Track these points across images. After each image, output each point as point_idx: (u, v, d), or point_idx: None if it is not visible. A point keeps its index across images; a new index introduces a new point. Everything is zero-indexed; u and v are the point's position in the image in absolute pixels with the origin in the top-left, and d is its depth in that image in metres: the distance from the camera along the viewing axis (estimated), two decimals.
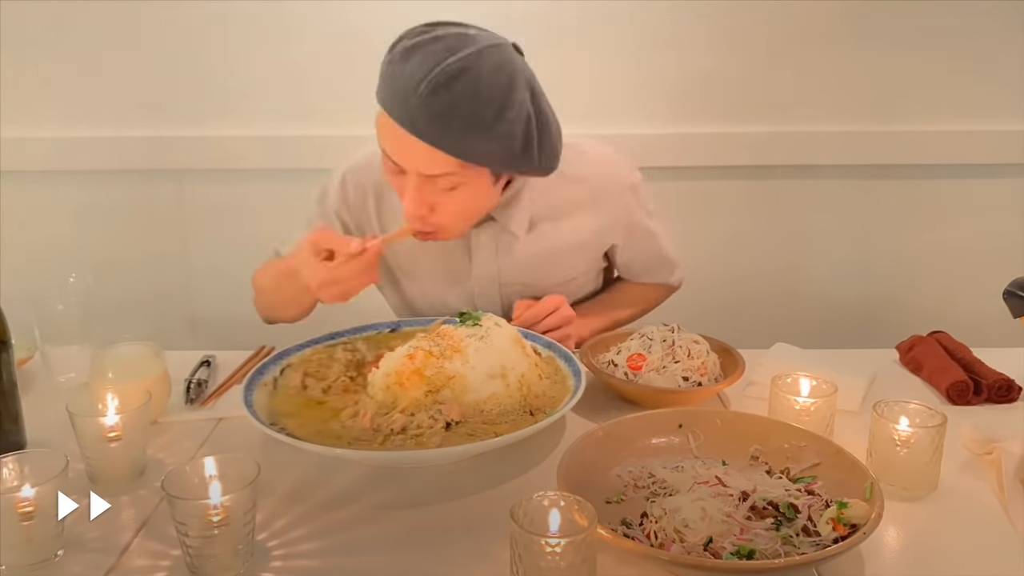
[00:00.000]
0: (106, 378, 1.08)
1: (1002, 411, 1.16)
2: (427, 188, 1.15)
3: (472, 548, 0.85)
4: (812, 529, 0.81)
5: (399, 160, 1.14)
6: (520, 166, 1.15)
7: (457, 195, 1.16)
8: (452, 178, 1.13)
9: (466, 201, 1.18)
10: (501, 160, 1.13)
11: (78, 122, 2.02)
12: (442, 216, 1.19)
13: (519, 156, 1.13)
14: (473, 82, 1.07)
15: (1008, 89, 1.97)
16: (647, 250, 1.46)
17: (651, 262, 1.48)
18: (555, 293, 1.34)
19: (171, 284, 2.14)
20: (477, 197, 1.19)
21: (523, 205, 1.31)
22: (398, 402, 1.03)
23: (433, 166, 1.12)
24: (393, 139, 1.13)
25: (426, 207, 1.17)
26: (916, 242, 2.09)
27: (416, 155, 1.11)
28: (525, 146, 1.12)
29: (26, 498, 0.79)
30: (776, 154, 2.02)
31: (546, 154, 1.17)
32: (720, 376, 1.17)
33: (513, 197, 1.29)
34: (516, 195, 1.29)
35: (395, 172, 1.18)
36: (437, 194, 1.16)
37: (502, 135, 1.09)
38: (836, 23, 1.93)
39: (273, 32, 1.95)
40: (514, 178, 1.27)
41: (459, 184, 1.15)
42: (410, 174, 1.14)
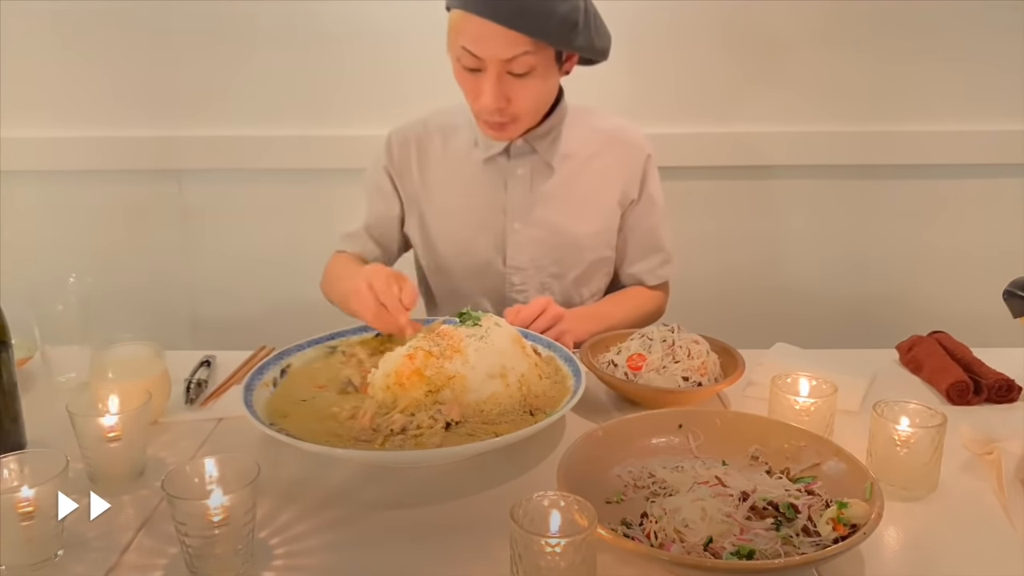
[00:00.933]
0: (106, 378, 1.08)
1: (1002, 411, 1.16)
2: (505, 78, 1.27)
3: (472, 548, 0.85)
4: (812, 529, 0.81)
5: (479, 50, 1.25)
6: (582, 43, 1.28)
7: (530, 81, 1.28)
8: (528, 59, 1.25)
9: (537, 87, 1.30)
10: (569, 35, 1.25)
11: (78, 122, 2.02)
12: (518, 104, 1.30)
13: (582, 32, 1.26)
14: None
15: (1008, 89, 1.97)
16: (646, 224, 1.52)
17: (646, 238, 1.52)
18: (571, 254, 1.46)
19: (171, 284, 2.14)
20: (546, 83, 1.32)
21: (560, 140, 1.45)
22: (398, 402, 1.03)
23: (510, 46, 1.23)
24: (470, 32, 1.24)
25: (503, 98, 1.29)
26: (916, 242, 2.09)
27: (494, 39, 1.23)
28: (586, 22, 1.27)
29: (26, 498, 0.79)
30: (775, 154, 2.02)
31: (601, 35, 1.32)
32: (720, 376, 1.17)
33: (550, 128, 1.43)
34: (555, 128, 1.43)
35: (470, 72, 1.29)
36: (512, 84, 1.28)
37: (570, 8, 1.23)
38: (835, 22, 1.93)
39: (273, 32, 1.95)
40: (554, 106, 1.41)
41: (533, 68, 1.27)
42: (489, 67, 1.26)
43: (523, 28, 1.22)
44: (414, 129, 1.50)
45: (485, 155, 1.44)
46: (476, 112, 1.34)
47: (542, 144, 1.43)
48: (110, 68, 1.98)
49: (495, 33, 1.22)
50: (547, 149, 1.44)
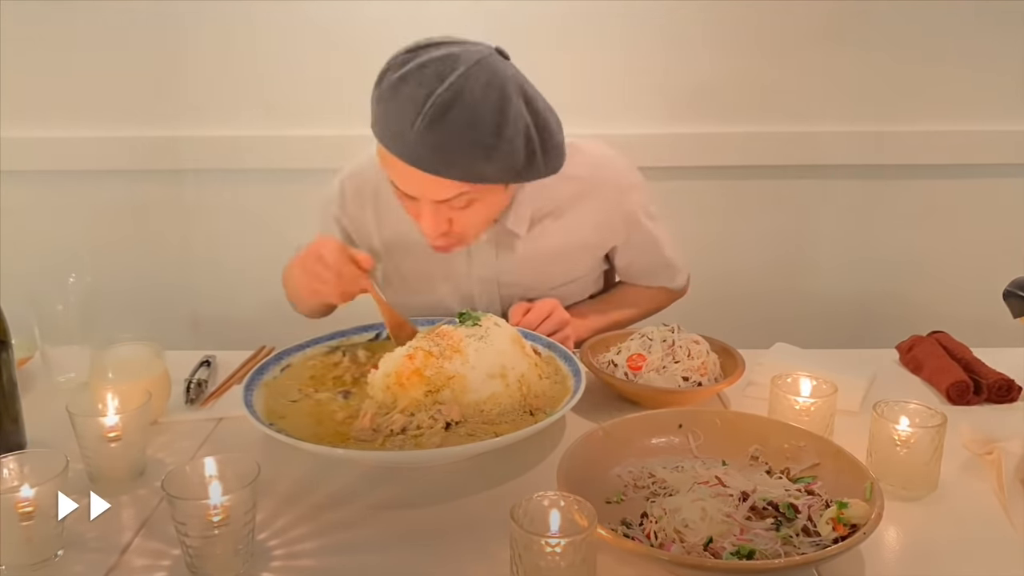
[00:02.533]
0: (106, 378, 1.08)
1: (1002, 411, 1.16)
2: (443, 208, 1.17)
3: (472, 548, 0.85)
4: (812, 529, 0.81)
5: (408, 190, 1.16)
6: (528, 175, 1.17)
7: (472, 209, 1.18)
8: (466, 196, 1.15)
9: (482, 212, 1.21)
10: (508, 175, 1.14)
11: (78, 122, 2.02)
12: (462, 228, 1.21)
13: (525, 168, 1.14)
14: (466, 107, 1.07)
15: (1008, 89, 1.97)
16: (648, 253, 1.45)
17: (652, 265, 1.47)
18: (554, 296, 1.35)
19: (171, 284, 2.14)
20: (491, 206, 1.22)
21: (523, 204, 1.31)
22: (398, 402, 1.03)
23: (443, 191, 1.13)
24: (399, 171, 1.14)
25: (445, 224, 1.19)
26: (916, 242, 2.09)
27: (424, 184, 1.13)
28: (529, 156, 1.14)
29: (26, 498, 0.79)
30: (775, 154, 2.02)
31: (551, 156, 1.18)
32: (720, 376, 1.17)
33: (511, 198, 1.30)
34: (515, 195, 1.30)
35: (407, 198, 1.19)
36: (453, 211, 1.18)
37: (505, 153, 1.10)
38: (835, 23, 1.93)
39: (274, 32, 1.95)
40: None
41: (474, 200, 1.17)
42: (423, 201, 1.16)
43: (455, 178, 1.11)
44: (369, 177, 1.35)
45: None
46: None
47: (503, 214, 1.30)
48: (110, 68, 1.98)
49: (423, 178, 1.11)
50: (507, 218, 1.31)
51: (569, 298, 1.40)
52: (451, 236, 1.21)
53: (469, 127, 1.07)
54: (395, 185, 1.18)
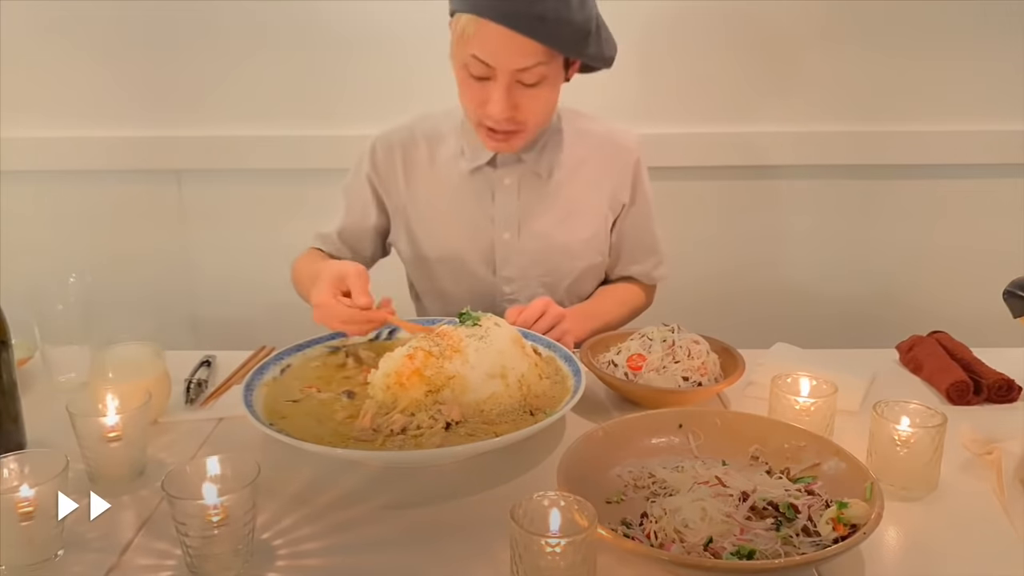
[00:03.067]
0: (106, 378, 1.08)
1: (1002, 411, 1.16)
2: (514, 88, 1.25)
3: (472, 548, 0.85)
4: (812, 529, 0.81)
5: (492, 59, 1.22)
6: (592, 51, 1.26)
7: (540, 91, 1.27)
8: (541, 69, 1.23)
9: (546, 97, 1.29)
10: (581, 43, 1.24)
11: (78, 122, 2.02)
12: (526, 113, 1.28)
13: (592, 40, 1.25)
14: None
15: (1008, 89, 1.97)
16: (641, 227, 1.52)
17: (641, 241, 1.52)
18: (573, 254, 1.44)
19: (171, 284, 2.14)
20: (554, 92, 1.31)
21: (548, 148, 1.42)
22: (398, 402, 1.03)
23: (526, 57, 1.21)
24: (483, 40, 1.21)
25: (512, 106, 1.26)
26: (916, 242, 2.09)
27: (510, 49, 1.21)
28: (596, 30, 1.26)
29: (26, 498, 0.79)
30: (776, 154, 2.02)
31: (608, 44, 1.30)
32: (720, 376, 1.17)
33: (540, 138, 1.41)
34: (542, 137, 1.41)
35: (477, 80, 1.26)
36: (522, 93, 1.26)
37: (584, 17, 1.22)
38: (835, 22, 1.93)
39: (273, 32, 1.95)
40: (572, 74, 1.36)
41: (544, 77, 1.25)
42: (500, 75, 1.23)
43: (541, 37, 1.19)
44: (399, 136, 1.46)
45: (471, 165, 1.41)
46: (478, 120, 1.31)
47: (529, 154, 1.41)
48: (110, 68, 1.98)
49: (510, 42, 1.20)
50: (534, 159, 1.41)
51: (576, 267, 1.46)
52: (514, 122, 1.28)
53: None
54: (470, 66, 1.24)
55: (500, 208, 1.43)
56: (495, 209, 1.43)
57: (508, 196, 1.42)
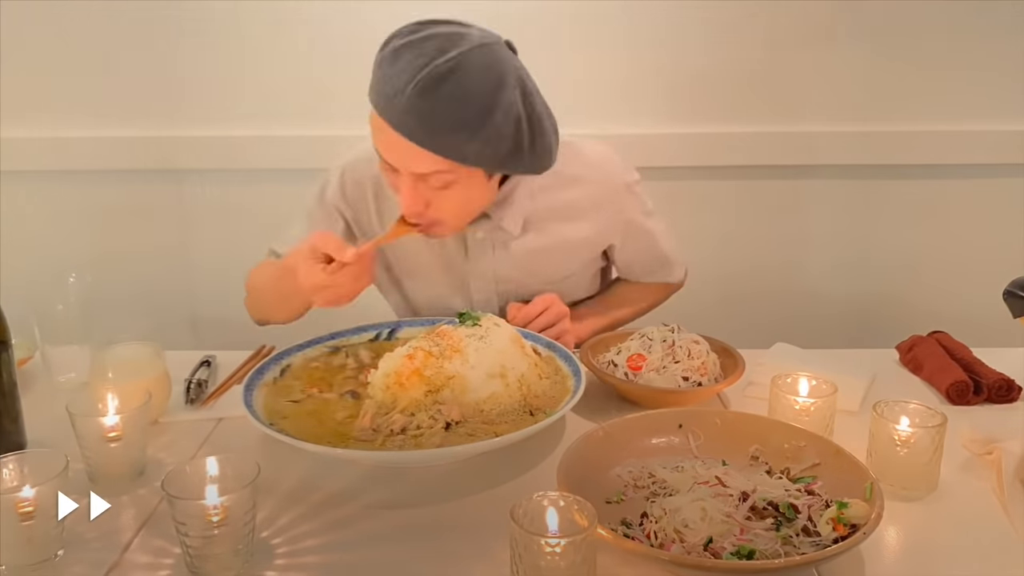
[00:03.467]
0: (106, 378, 1.08)
1: (1002, 411, 1.16)
2: (421, 186, 1.15)
3: (472, 548, 0.85)
4: (812, 529, 0.81)
5: (390, 159, 1.15)
6: (510, 166, 1.16)
7: (451, 192, 1.16)
8: (444, 176, 1.13)
9: (461, 198, 1.18)
10: (489, 161, 1.13)
11: (78, 122, 2.02)
12: (438, 212, 1.19)
13: (509, 157, 1.13)
14: (460, 83, 1.06)
15: (1008, 89, 1.97)
16: (646, 250, 1.45)
17: (651, 263, 1.48)
18: (550, 291, 1.35)
19: (171, 284, 2.14)
20: (471, 194, 1.20)
21: (517, 203, 1.30)
22: (398, 402, 1.03)
23: (423, 165, 1.12)
24: (384, 138, 1.14)
25: (422, 203, 1.17)
26: (916, 242, 2.09)
27: (406, 154, 1.12)
28: (515, 147, 1.13)
29: (26, 498, 0.79)
30: (775, 154, 2.02)
31: (538, 154, 1.17)
32: (720, 376, 1.17)
33: (507, 195, 1.29)
34: (511, 193, 1.29)
35: (390, 170, 1.18)
36: (432, 191, 1.16)
37: (490, 137, 1.09)
38: (835, 22, 1.93)
39: (273, 32, 1.95)
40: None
41: (452, 182, 1.15)
42: (403, 172, 1.15)
43: (436, 151, 1.10)
44: (370, 170, 1.34)
45: None
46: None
47: (497, 212, 1.29)
48: (110, 68, 1.98)
49: (406, 147, 1.10)
50: (502, 217, 1.30)
51: (566, 294, 1.39)
52: (426, 217, 1.19)
53: (459, 103, 1.07)
54: (380, 156, 1.17)
55: (474, 260, 1.36)
56: (468, 261, 1.36)
57: (481, 251, 1.35)
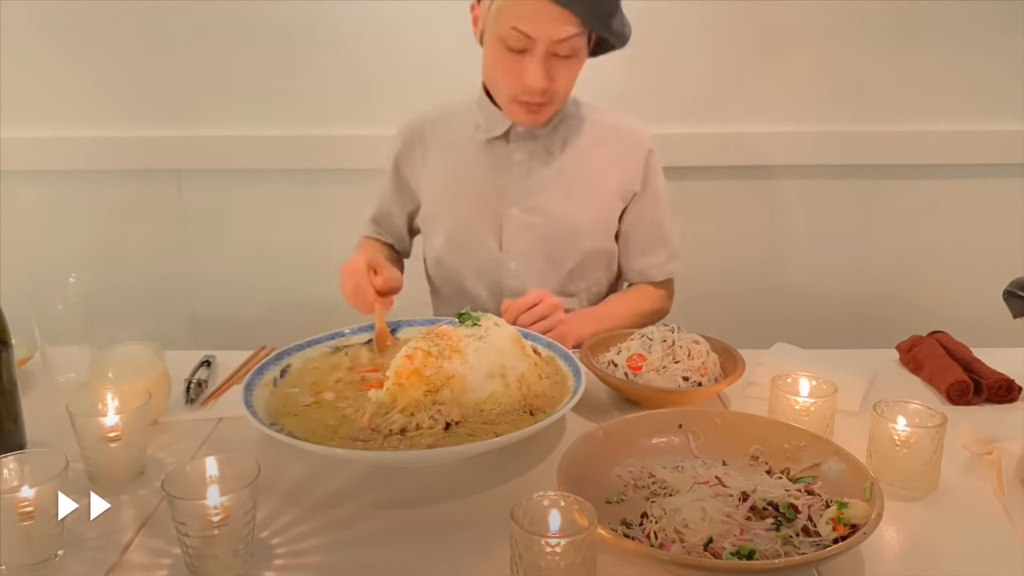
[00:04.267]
0: (106, 378, 1.08)
1: (1002, 411, 1.16)
2: (550, 60, 1.31)
3: (472, 548, 0.85)
4: (812, 529, 0.81)
5: (532, 29, 1.28)
6: (615, 27, 1.33)
7: (571, 63, 1.34)
8: (575, 41, 1.30)
9: (576, 69, 1.36)
10: (611, 16, 1.31)
11: (78, 122, 2.02)
12: (559, 84, 1.34)
13: (616, 16, 1.33)
14: None
15: (1008, 89, 1.97)
16: (651, 218, 1.53)
17: (651, 233, 1.53)
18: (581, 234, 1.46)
19: (171, 284, 2.14)
20: (579, 67, 1.37)
21: (561, 127, 1.47)
22: (397, 402, 1.03)
23: (564, 27, 1.27)
24: (524, 12, 1.27)
25: (548, 77, 1.32)
26: (916, 242, 2.09)
27: (550, 20, 1.27)
28: (618, 10, 1.33)
29: (26, 498, 0.79)
30: (775, 154, 2.02)
31: (624, 23, 1.36)
32: (720, 376, 1.17)
33: (556, 119, 1.45)
34: (556, 115, 1.45)
35: (514, 54, 1.31)
36: (555, 64, 1.32)
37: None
38: (836, 22, 1.93)
39: (273, 32, 1.95)
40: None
41: (576, 50, 1.32)
42: (537, 47, 1.29)
43: (577, 8, 1.26)
44: (420, 120, 1.54)
45: (486, 137, 1.46)
46: (512, 94, 1.35)
47: (543, 130, 1.45)
48: (110, 68, 1.98)
49: (549, 13, 1.26)
50: (547, 136, 1.46)
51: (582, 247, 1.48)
52: (548, 93, 1.34)
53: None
54: (508, 39, 1.30)
55: (509, 182, 1.46)
56: (504, 183, 1.47)
57: (518, 171, 1.46)
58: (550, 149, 1.46)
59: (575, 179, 1.47)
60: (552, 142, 1.46)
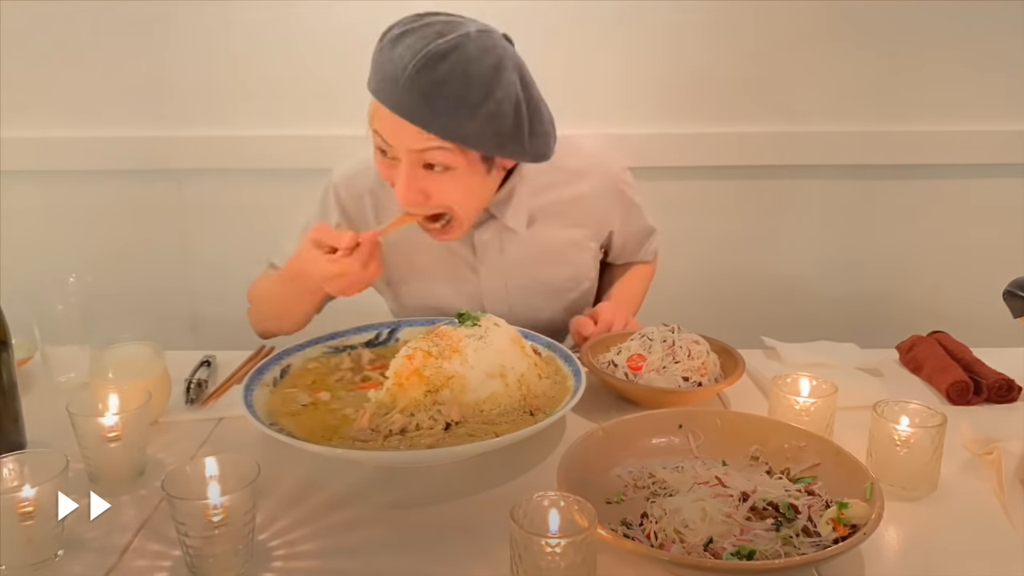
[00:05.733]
0: (106, 378, 1.08)
1: (1002, 411, 1.16)
2: (419, 172, 1.15)
3: (472, 548, 0.85)
4: (812, 529, 0.81)
5: (390, 139, 1.15)
6: (510, 150, 1.15)
7: (449, 179, 1.16)
8: (442, 154, 1.13)
9: (459, 185, 1.18)
10: (490, 142, 1.13)
11: (78, 122, 2.02)
12: (438, 200, 1.18)
13: (509, 139, 1.13)
14: (460, 62, 1.08)
15: (1008, 89, 1.97)
16: (639, 226, 1.50)
17: (641, 236, 1.52)
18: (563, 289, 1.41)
19: (171, 284, 2.14)
20: (471, 183, 1.19)
21: (521, 201, 1.32)
22: (397, 402, 1.03)
23: (421, 140, 1.12)
24: (384, 121, 1.14)
25: (419, 191, 1.17)
26: (916, 242, 2.09)
27: (406, 132, 1.12)
28: (515, 130, 1.13)
29: (26, 498, 0.79)
30: (775, 154, 2.02)
31: (537, 140, 1.17)
32: (720, 376, 1.17)
33: (510, 193, 1.30)
34: (512, 191, 1.30)
35: (389, 165, 1.19)
36: (429, 179, 1.16)
37: (490, 116, 1.10)
38: (834, 22, 1.93)
39: (273, 32, 1.95)
40: (511, 169, 1.28)
41: (450, 166, 1.15)
42: (402, 158, 1.15)
43: (436, 132, 1.10)
44: (365, 181, 1.36)
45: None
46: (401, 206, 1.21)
47: (501, 210, 1.31)
48: (109, 68, 1.98)
49: (405, 126, 1.11)
50: (509, 215, 1.31)
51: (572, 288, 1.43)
52: (427, 206, 1.19)
53: (459, 80, 1.08)
54: (378, 150, 1.18)
55: (482, 261, 1.36)
56: (477, 261, 1.36)
57: (489, 250, 1.35)
58: (511, 227, 1.32)
59: (550, 244, 1.37)
60: (515, 220, 1.31)
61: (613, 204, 1.41)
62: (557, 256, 1.39)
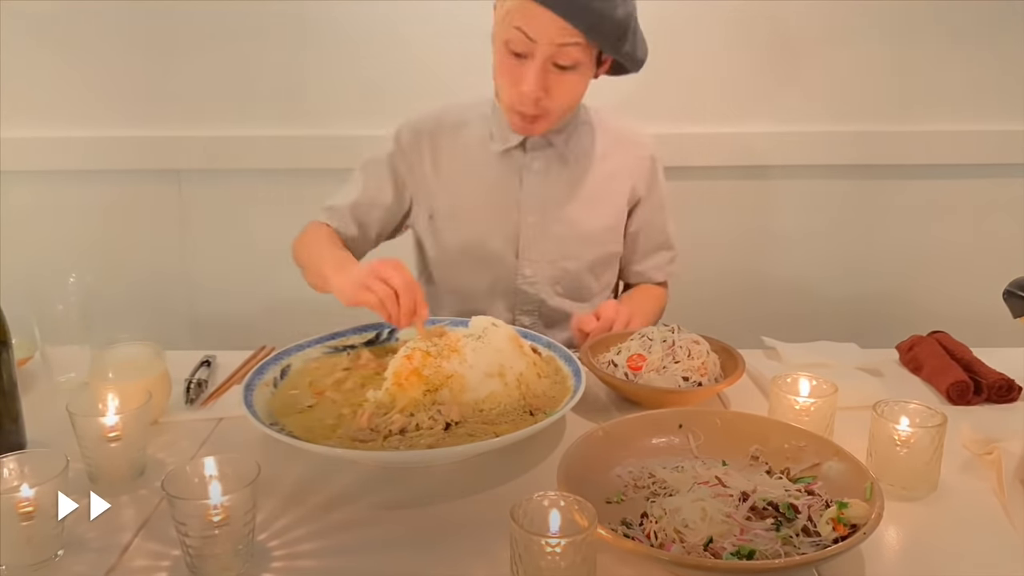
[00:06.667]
0: (106, 378, 1.08)
1: (1002, 411, 1.16)
2: (548, 69, 1.28)
3: (472, 548, 0.85)
4: (812, 529, 0.81)
5: (533, 31, 1.25)
6: (629, 47, 1.31)
7: (571, 76, 1.30)
8: (576, 51, 1.26)
9: (575, 84, 1.32)
10: (620, 37, 1.28)
11: (78, 122, 2.02)
12: (555, 97, 1.31)
13: (630, 37, 1.30)
14: None
15: (1008, 89, 1.97)
16: (654, 222, 1.54)
17: (657, 238, 1.55)
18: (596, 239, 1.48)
19: (171, 284, 2.14)
20: (582, 81, 1.34)
21: (575, 138, 1.47)
22: (396, 402, 1.03)
23: (565, 34, 1.24)
24: (532, 19, 1.25)
25: (543, 88, 1.29)
26: (916, 242, 2.09)
27: (553, 24, 1.24)
28: (634, 29, 1.31)
29: (26, 498, 0.79)
30: (776, 154, 2.02)
31: (641, 47, 1.34)
32: (720, 376, 1.17)
33: (568, 125, 1.45)
34: (570, 124, 1.45)
35: (516, 58, 1.29)
36: (554, 76, 1.29)
37: (623, 12, 1.26)
38: (836, 23, 1.93)
39: (273, 32, 1.95)
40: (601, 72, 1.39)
41: (577, 62, 1.28)
42: (536, 55, 1.26)
43: (580, 24, 1.23)
44: (426, 124, 1.49)
45: (502, 147, 1.44)
46: (510, 102, 1.33)
47: (558, 138, 1.44)
48: (109, 68, 1.98)
49: (554, 19, 1.24)
50: (563, 144, 1.45)
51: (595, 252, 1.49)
52: (541, 106, 1.31)
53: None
54: (511, 41, 1.27)
55: (527, 192, 1.45)
56: (522, 192, 1.45)
57: (536, 180, 1.45)
58: (565, 157, 1.45)
59: (590, 186, 1.47)
60: (567, 150, 1.45)
61: (644, 170, 1.51)
62: (595, 199, 1.47)
